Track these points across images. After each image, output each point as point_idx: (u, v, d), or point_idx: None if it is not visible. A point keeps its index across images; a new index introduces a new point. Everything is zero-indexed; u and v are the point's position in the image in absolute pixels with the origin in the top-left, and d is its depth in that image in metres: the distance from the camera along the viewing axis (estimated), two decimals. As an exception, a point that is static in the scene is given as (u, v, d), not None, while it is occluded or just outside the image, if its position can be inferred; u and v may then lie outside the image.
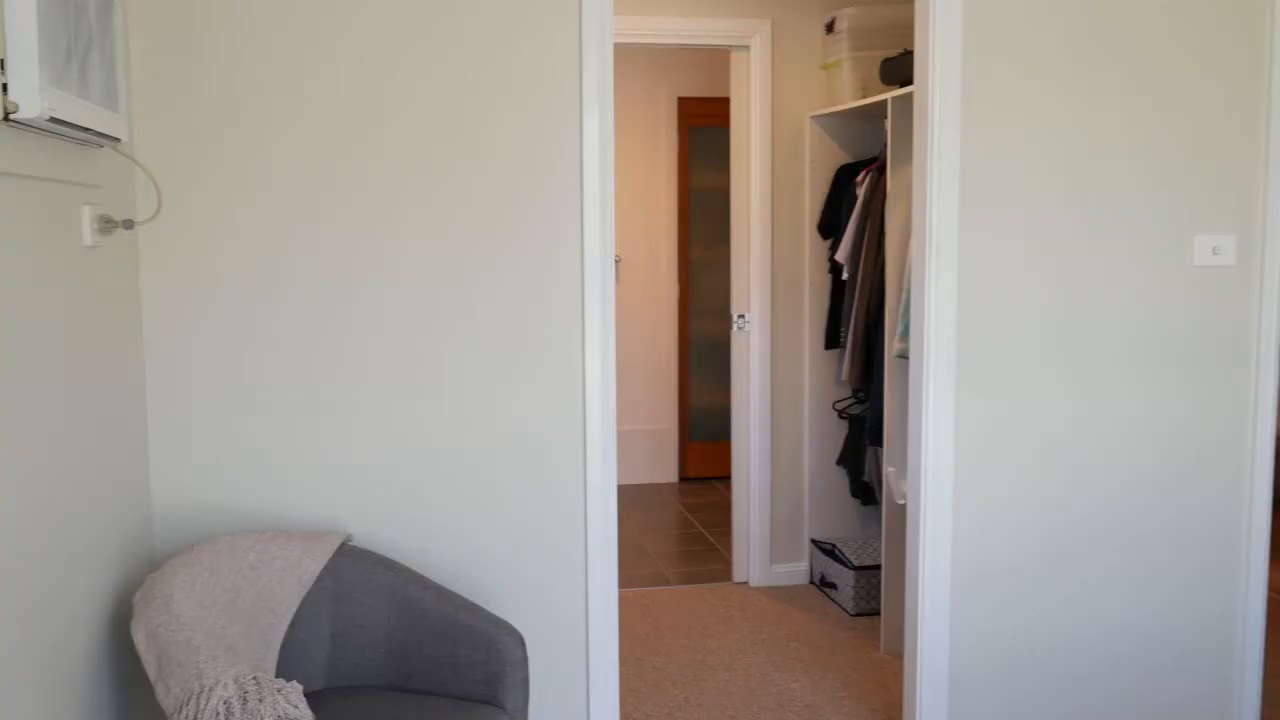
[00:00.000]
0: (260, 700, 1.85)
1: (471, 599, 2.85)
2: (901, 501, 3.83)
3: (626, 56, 6.58)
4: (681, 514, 6.11)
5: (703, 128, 6.72)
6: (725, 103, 6.37)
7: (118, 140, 2.24)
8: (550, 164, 2.78)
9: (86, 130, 2.02)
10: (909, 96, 3.74)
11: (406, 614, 2.53)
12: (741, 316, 4.78)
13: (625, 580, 4.92)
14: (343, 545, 2.60)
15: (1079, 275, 3.06)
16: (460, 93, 2.72)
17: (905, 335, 3.77)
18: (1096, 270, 3.07)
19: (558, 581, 2.90)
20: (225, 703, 1.85)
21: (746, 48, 4.63)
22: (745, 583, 4.87)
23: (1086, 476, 3.13)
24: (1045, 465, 3.10)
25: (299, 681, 2.47)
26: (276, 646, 2.41)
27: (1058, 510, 3.12)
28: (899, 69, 3.99)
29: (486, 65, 2.73)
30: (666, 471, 6.87)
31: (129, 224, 2.36)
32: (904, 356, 3.80)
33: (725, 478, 6.83)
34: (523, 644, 2.49)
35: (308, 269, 2.69)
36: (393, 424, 2.77)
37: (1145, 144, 3.06)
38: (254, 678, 1.89)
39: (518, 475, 2.85)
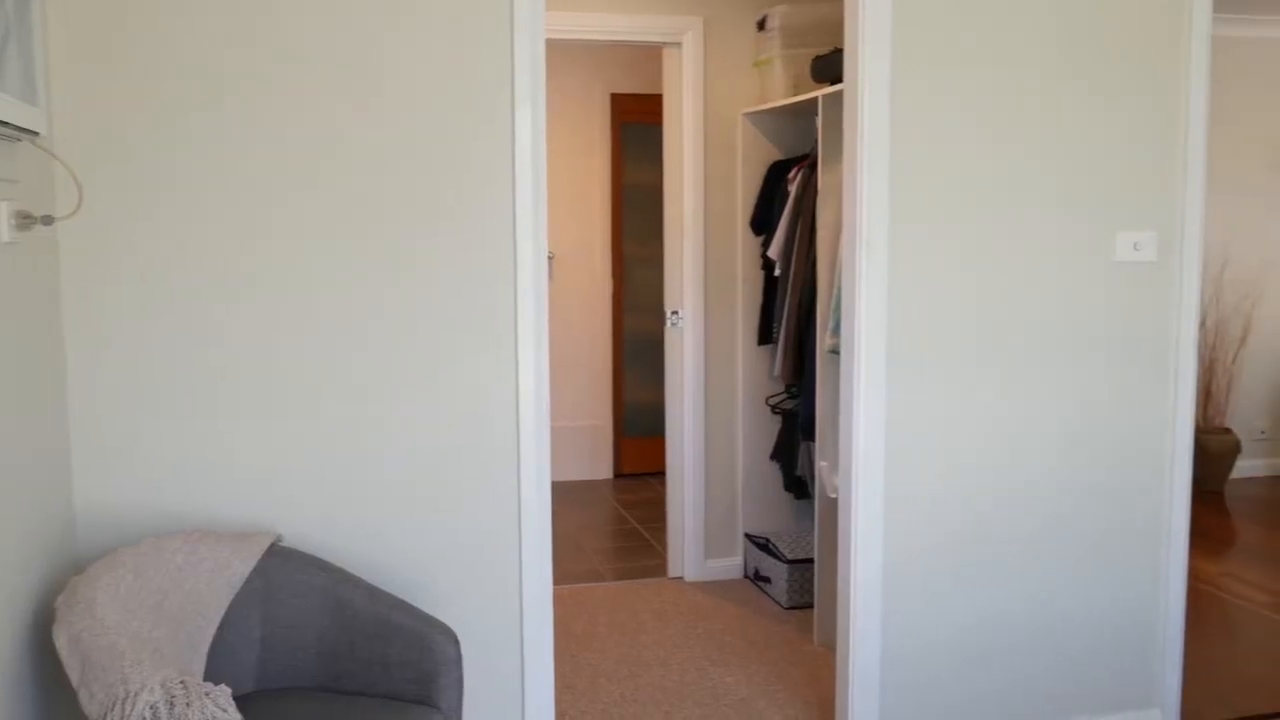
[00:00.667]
0: (188, 704, 1.82)
1: (405, 599, 2.83)
2: (834, 495, 3.87)
3: (559, 53, 6.57)
4: (616, 510, 6.11)
5: (636, 124, 6.72)
6: (658, 99, 6.38)
7: (36, 134, 2.19)
8: (482, 160, 2.77)
9: (3, 124, 1.96)
10: (840, 94, 3.78)
11: (338, 614, 2.51)
12: (675, 313, 4.80)
13: (561, 577, 4.91)
14: (273, 546, 2.57)
15: (1007, 271, 3.12)
16: (389, 89, 2.69)
17: (837, 331, 3.81)
18: (1023, 266, 3.13)
19: (492, 579, 2.89)
20: (151, 708, 1.82)
21: (679, 45, 4.64)
22: (680, 578, 4.89)
23: (1014, 469, 3.18)
24: (974, 458, 3.15)
25: (228, 684, 2.43)
26: (204, 649, 2.37)
27: (986, 502, 3.17)
28: (830, 67, 4.03)
29: (418, 61, 2.70)
30: (601, 468, 6.87)
31: (48, 220, 2.30)
32: (836, 352, 3.83)
33: (660, 473, 6.85)
34: (456, 643, 2.47)
35: (233, 267, 2.65)
36: (324, 423, 2.74)
37: (1070, 141, 3.12)
38: (181, 682, 1.86)
39: (451, 474, 2.83)
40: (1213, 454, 6.31)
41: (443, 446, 2.81)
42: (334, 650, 2.50)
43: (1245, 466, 6.71)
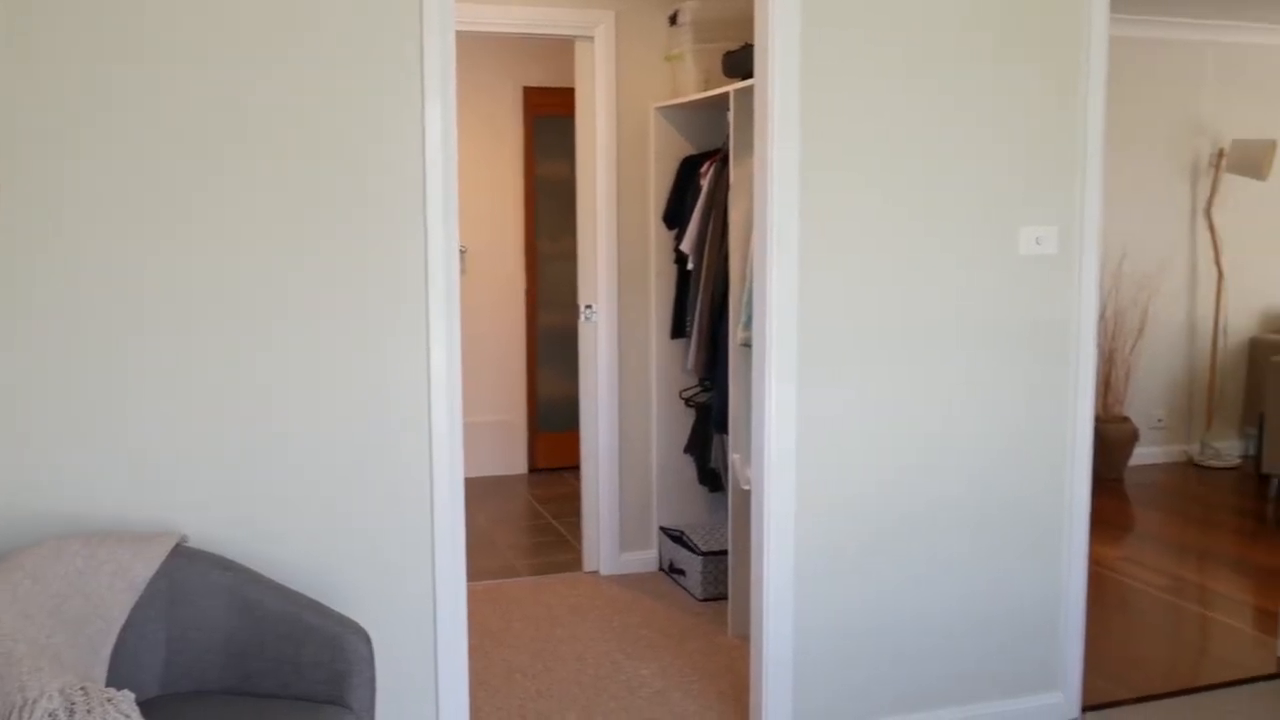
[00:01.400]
0: (88, 711, 1.77)
1: (316, 598, 2.78)
2: (747, 487, 3.91)
3: (469, 45, 6.51)
4: (531, 505, 6.09)
5: (548, 118, 6.70)
6: (570, 93, 6.36)
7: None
8: (391, 154, 2.73)
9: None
10: (751, 89, 3.81)
11: (246, 615, 2.46)
12: (589, 307, 4.80)
13: (475, 573, 4.88)
14: (177, 547, 2.51)
15: (915, 264, 3.17)
16: (295, 82, 2.64)
17: (749, 324, 3.84)
18: (931, 259, 3.18)
19: (405, 577, 2.86)
20: (51, 715, 1.77)
21: (591, 38, 4.63)
22: (595, 572, 4.89)
23: (922, 459, 3.24)
24: (883, 449, 3.20)
25: (131, 689, 2.37)
26: (106, 654, 2.31)
27: (895, 492, 3.23)
28: (741, 62, 4.06)
29: (324, 52, 2.66)
30: (515, 463, 6.84)
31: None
32: (748, 345, 3.87)
33: (574, 468, 6.84)
34: (368, 641, 2.45)
35: (134, 262, 2.58)
36: (229, 421, 2.68)
37: (976, 138, 3.18)
38: (81, 688, 1.81)
39: (361, 471, 2.79)
40: (1112, 442, 6.50)
41: (352, 444, 2.78)
42: (243, 652, 2.46)
43: (1143, 454, 6.93)
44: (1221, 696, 3.61)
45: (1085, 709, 3.53)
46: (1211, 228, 6.89)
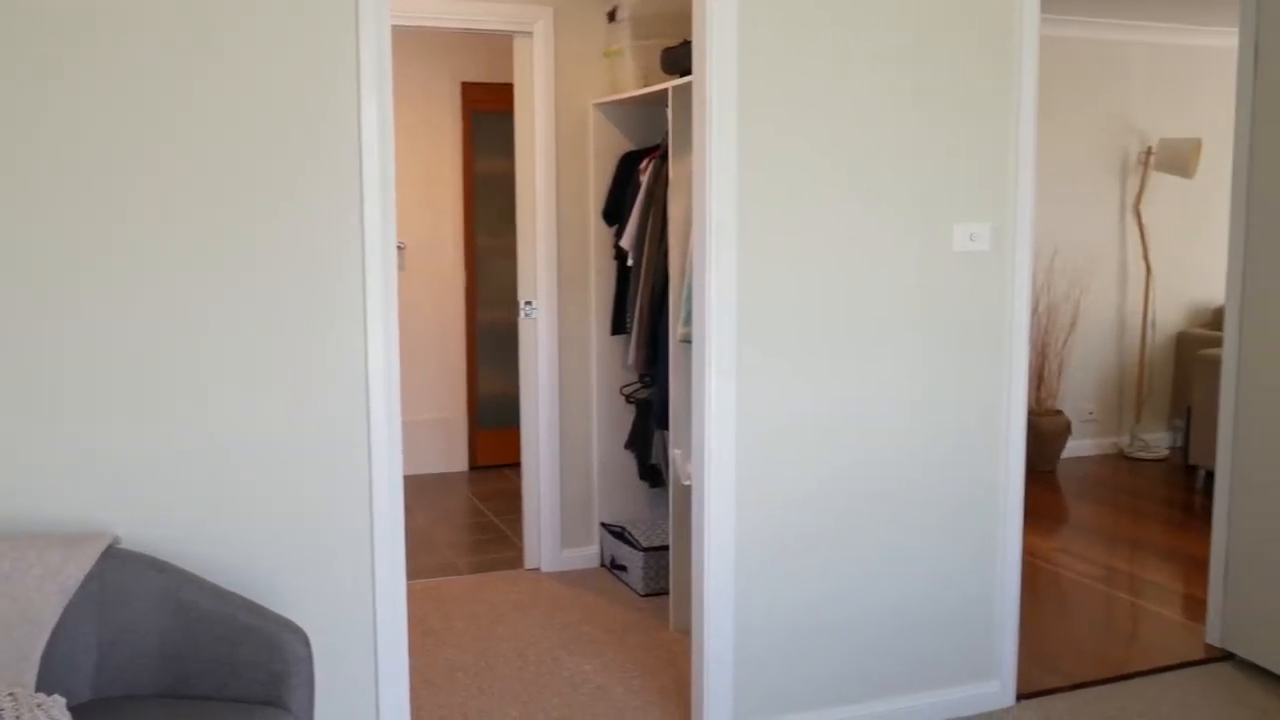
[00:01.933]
0: (17, 717, 1.73)
1: (253, 599, 2.75)
2: (687, 483, 3.92)
3: (407, 40, 6.46)
4: (472, 502, 6.07)
5: (487, 113, 6.67)
6: (509, 88, 6.33)
7: None
8: (328, 148, 2.70)
9: None
10: (689, 86, 3.82)
11: (181, 617, 2.42)
12: (529, 303, 4.78)
13: (415, 571, 4.85)
14: (109, 548, 2.46)
15: (852, 261, 3.20)
16: (230, 72, 2.61)
17: (689, 320, 3.86)
18: (868, 255, 3.22)
19: (343, 576, 2.83)
20: (-22, 722, 1.73)
21: (529, 33, 4.62)
22: (537, 568, 4.88)
23: (860, 453, 3.27)
24: (822, 443, 3.23)
25: (62, 694, 2.33)
26: (36, 659, 2.26)
27: (834, 486, 3.26)
28: (679, 59, 4.07)
29: (260, 45, 2.62)
30: (456, 460, 6.81)
31: None
32: (688, 341, 3.88)
33: (515, 465, 6.82)
34: (306, 642, 2.42)
35: (66, 256, 2.52)
36: (162, 418, 2.63)
37: (910, 136, 3.22)
38: (10, 694, 1.77)
39: (299, 469, 2.76)
40: (1045, 435, 6.62)
41: (289, 441, 2.74)
42: (178, 654, 2.42)
43: (1075, 446, 7.06)
44: (1152, 682, 3.70)
45: (1020, 697, 3.59)
46: (1140, 224, 7.03)
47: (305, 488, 2.77)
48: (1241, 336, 3.80)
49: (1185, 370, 7.14)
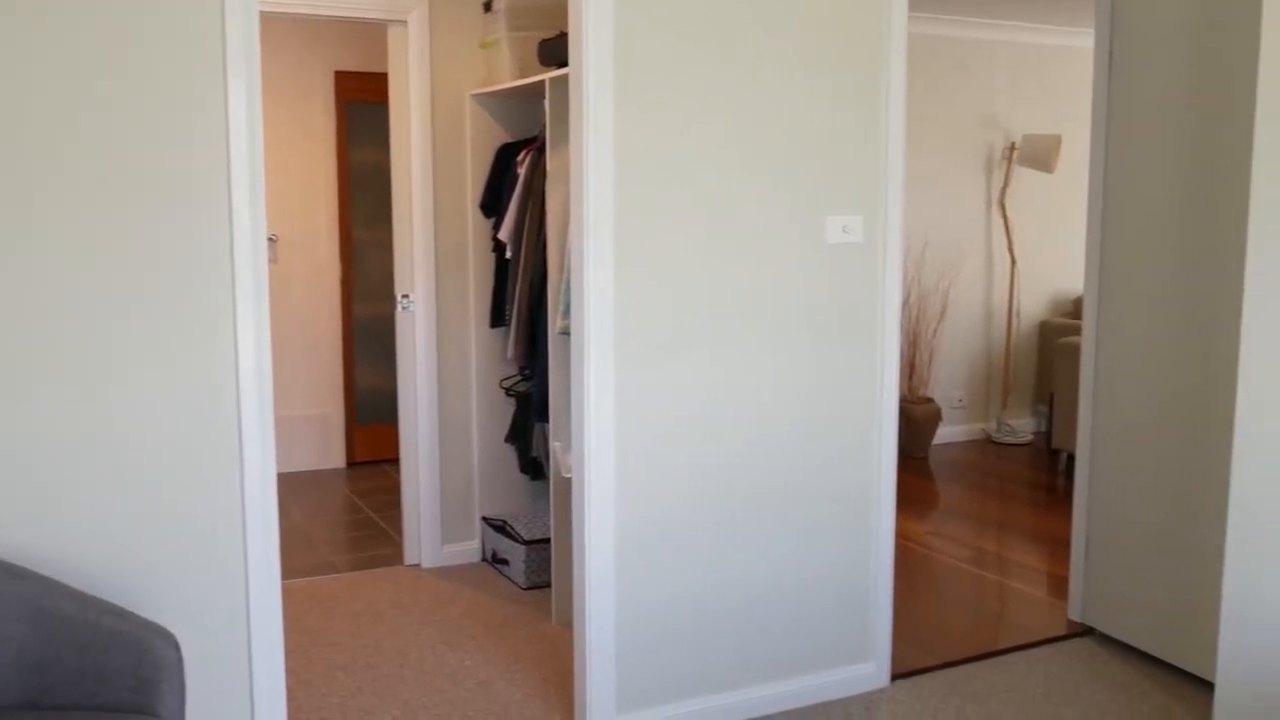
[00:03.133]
0: None
1: (120, 603, 2.66)
2: (568, 475, 3.92)
3: (278, 27, 6.30)
4: (349, 499, 5.96)
5: (361, 103, 6.55)
6: (384, 78, 6.23)
7: None
8: (194, 138, 2.62)
9: None
10: (566, 78, 3.81)
11: (42, 625, 2.33)
12: (406, 296, 4.72)
13: (292, 571, 4.75)
14: (-37, 555, 2.36)
15: (729, 253, 3.24)
16: (88, 63, 2.51)
17: (568, 313, 3.85)
18: (744, 248, 3.26)
19: (215, 577, 2.76)
20: None
21: (404, 23, 4.55)
22: (417, 565, 4.83)
23: (737, 442, 3.32)
24: (701, 432, 3.26)
25: (-86, 709, 2.22)
26: (-116, 673, 2.15)
27: (712, 475, 3.30)
28: (556, 50, 4.06)
29: (119, 31, 2.53)
30: (333, 457, 6.68)
31: None
32: (567, 334, 3.88)
33: (394, 460, 6.73)
34: (176, 646, 2.35)
35: (-91, 250, 2.40)
36: (21, 418, 2.53)
37: (784, 131, 3.27)
38: None
39: (166, 468, 2.68)
40: (917, 422, 6.80)
41: (155, 442, 2.66)
42: (38, 664, 2.33)
43: (945, 433, 7.28)
44: (1019, 658, 3.84)
45: (895, 677, 3.69)
46: (1005, 217, 7.27)
47: (174, 487, 2.69)
48: (1099, 325, 3.96)
49: (1048, 358, 7.41)
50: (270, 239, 6.39)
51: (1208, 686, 3.61)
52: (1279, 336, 2.69)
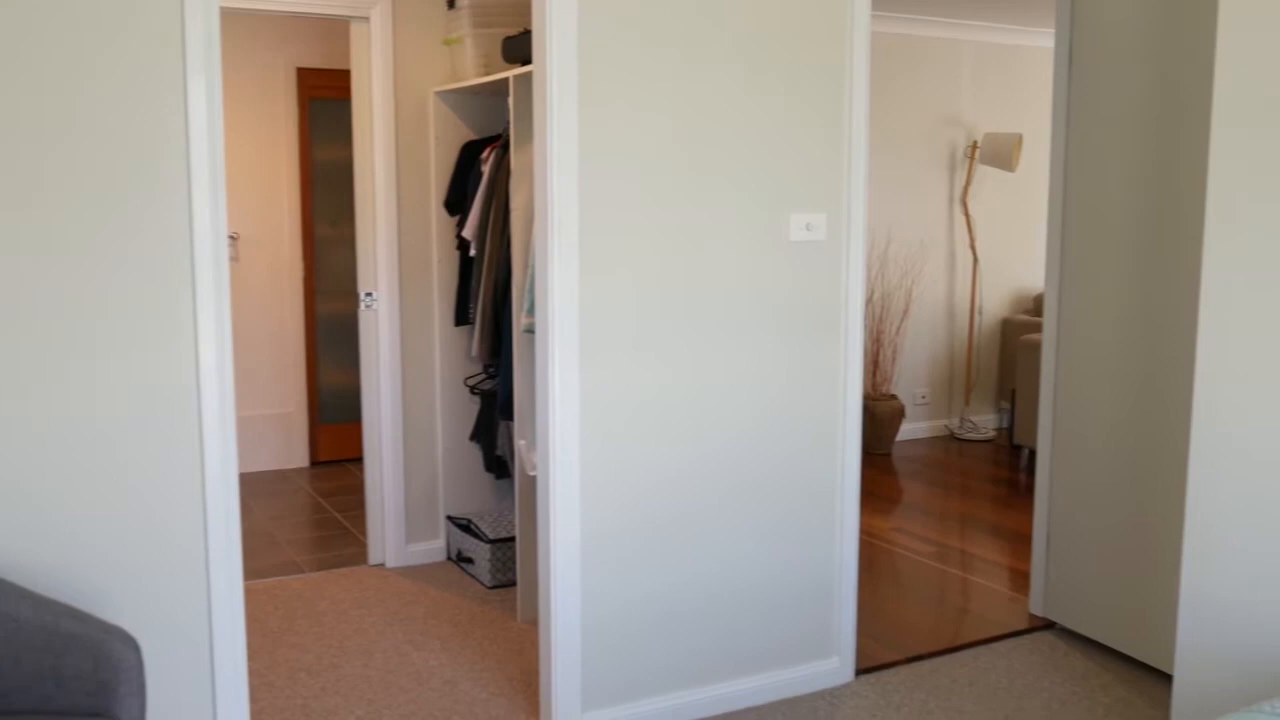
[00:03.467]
0: None
1: (80, 606, 2.63)
2: (533, 473, 3.91)
3: (239, 24, 6.25)
4: (313, 499, 5.92)
5: (324, 100, 6.50)
6: (347, 75, 6.19)
7: None
8: (152, 135, 2.59)
9: None
10: (530, 76, 3.80)
11: (-1, 627, 2.30)
12: (369, 294, 4.69)
13: (255, 571, 4.71)
14: (-83, 557, 2.32)
15: (693, 251, 3.24)
16: (44, 60, 2.47)
17: (532, 311, 3.84)
18: (708, 246, 3.26)
19: (176, 579, 2.73)
20: None
21: (366, 19, 4.52)
22: (382, 564, 4.80)
23: (702, 439, 3.32)
24: (666, 430, 3.27)
25: None
26: None
27: (677, 472, 3.30)
28: (520, 47, 4.05)
29: (77, 26, 2.49)
30: (296, 456, 6.63)
31: None
32: (531, 331, 3.87)
33: (358, 459, 6.69)
34: (137, 649, 2.33)
35: None
36: (-25, 419, 2.49)
37: (749, 128, 3.28)
38: None
39: (127, 469, 2.65)
40: (881, 419, 6.84)
41: (116, 441, 2.63)
42: (-5, 667, 2.30)
43: (909, 429, 7.32)
44: (981, 652, 3.87)
45: (859, 672, 3.71)
46: (967, 215, 7.33)
47: (135, 488, 2.66)
48: (1060, 323, 4.00)
49: (1010, 354, 7.48)
50: (231, 237, 6.33)
51: (1166, 678, 3.65)
52: (1235, 334, 2.73)
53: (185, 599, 2.75)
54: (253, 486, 6.17)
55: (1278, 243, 2.62)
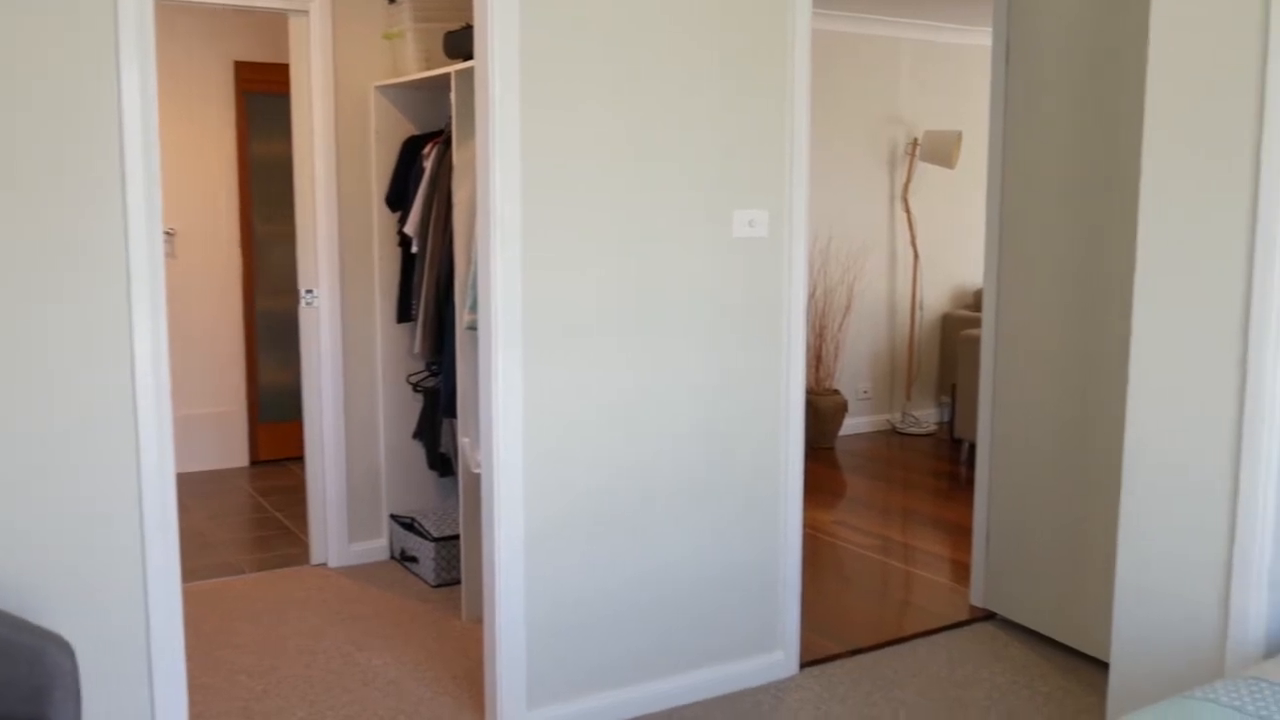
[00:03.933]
0: None
1: (13, 608, 2.57)
2: (477, 470, 3.89)
3: (175, 16, 6.14)
4: (253, 498, 5.85)
5: (261, 94, 6.41)
6: (286, 69, 6.10)
7: None
8: (84, 128, 2.54)
9: None
10: (472, 71, 3.78)
11: (-73, 633, 2.24)
12: (310, 291, 4.64)
13: (193, 573, 4.64)
14: None
15: (635, 247, 3.24)
16: (-30, 45, 2.42)
17: (474, 307, 3.82)
18: (651, 243, 3.26)
19: (112, 582, 2.68)
20: None
21: (305, 13, 4.46)
22: (324, 564, 4.75)
23: (648, 435, 3.33)
24: (609, 426, 3.26)
25: None
26: None
27: (621, 468, 3.30)
28: (462, 42, 4.02)
29: (2, 15, 2.44)
30: (235, 455, 6.54)
31: None
32: (474, 328, 3.85)
33: (299, 458, 6.61)
34: (71, 654, 2.28)
35: None
36: (-100, 420, 2.43)
37: (691, 125, 3.28)
38: None
39: (60, 471, 2.59)
40: (824, 413, 6.89)
41: (49, 443, 2.57)
42: (-77, 674, 2.24)
43: (852, 424, 7.39)
44: (923, 644, 3.91)
45: (804, 665, 3.74)
46: (908, 212, 7.40)
47: (69, 489, 2.61)
48: (998, 318, 4.05)
49: (951, 349, 7.57)
50: (168, 233, 6.22)
51: (1102, 666, 3.72)
52: (1168, 328, 2.78)
53: (121, 602, 2.70)
54: (191, 486, 6.08)
55: (1209, 239, 2.68)
